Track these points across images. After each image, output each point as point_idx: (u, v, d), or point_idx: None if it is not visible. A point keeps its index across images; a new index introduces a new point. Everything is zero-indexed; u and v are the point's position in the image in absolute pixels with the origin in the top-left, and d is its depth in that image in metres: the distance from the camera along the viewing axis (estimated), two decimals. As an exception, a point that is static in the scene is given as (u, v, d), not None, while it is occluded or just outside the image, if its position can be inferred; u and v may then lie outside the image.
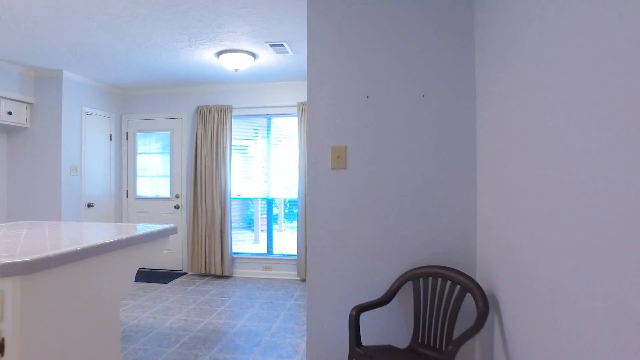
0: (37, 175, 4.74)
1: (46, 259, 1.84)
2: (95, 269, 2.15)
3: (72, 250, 1.97)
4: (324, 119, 2.30)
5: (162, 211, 5.65)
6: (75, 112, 4.89)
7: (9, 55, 4.16)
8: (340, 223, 2.27)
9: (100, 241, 2.16)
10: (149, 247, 2.66)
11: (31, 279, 1.80)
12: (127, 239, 2.37)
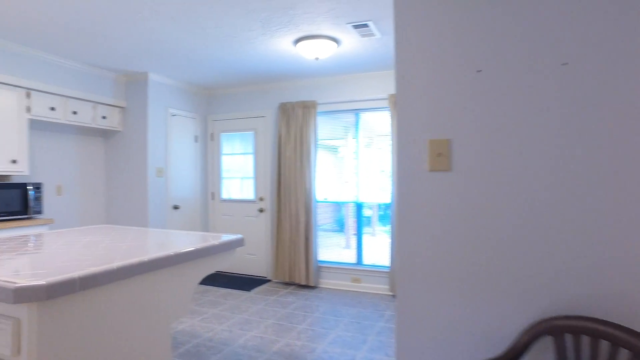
0: (128, 177, 4.80)
1: (69, 282, 1.51)
2: (137, 290, 1.81)
3: (105, 270, 1.63)
4: (418, 105, 1.67)
5: (246, 214, 5.44)
6: (161, 114, 4.86)
7: (102, 62, 4.22)
8: (440, 242, 1.63)
9: (142, 258, 1.81)
10: (209, 261, 2.28)
11: (50, 306, 1.48)
12: (179, 255, 2.00)
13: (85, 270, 1.56)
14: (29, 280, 1.44)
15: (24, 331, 1.45)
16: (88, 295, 1.59)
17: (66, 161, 4.56)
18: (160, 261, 1.90)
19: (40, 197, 3.83)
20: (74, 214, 4.63)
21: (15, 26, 3.27)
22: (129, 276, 1.73)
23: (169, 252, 1.95)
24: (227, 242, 2.38)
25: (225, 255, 2.42)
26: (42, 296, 1.42)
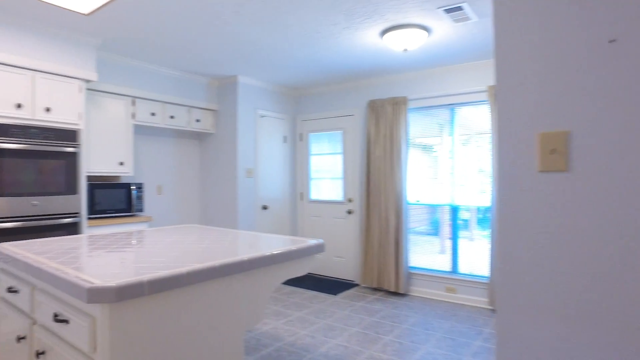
0: (220, 177, 4.99)
1: (137, 286, 1.49)
2: (209, 295, 1.75)
3: (174, 274, 1.59)
4: (524, 90, 1.35)
5: (334, 215, 5.32)
6: (250, 116, 4.96)
7: (196, 68, 4.43)
8: (553, 258, 1.29)
9: (213, 263, 1.75)
10: (286, 268, 2.17)
11: (121, 307, 1.47)
12: (252, 261, 1.91)
13: (154, 274, 1.53)
14: (103, 281, 1.44)
15: (98, 330, 1.46)
16: (158, 298, 1.56)
17: (165, 162, 4.88)
18: (233, 267, 1.82)
19: (142, 196, 4.12)
20: (172, 212, 4.93)
21: (124, 41, 3.54)
22: (199, 281, 1.67)
23: (241, 258, 1.87)
24: (305, 247, 2.25)
25: (303, 262, 2.29)
26: (112, 298, 1.40)
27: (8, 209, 3.07)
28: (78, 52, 3.46)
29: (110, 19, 3.12)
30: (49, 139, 3.27)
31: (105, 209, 3.83)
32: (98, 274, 1.56)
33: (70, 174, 3.41)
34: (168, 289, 1.57)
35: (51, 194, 3.29)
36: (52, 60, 3.31)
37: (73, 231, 3.41)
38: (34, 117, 3.21)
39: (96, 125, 3.87)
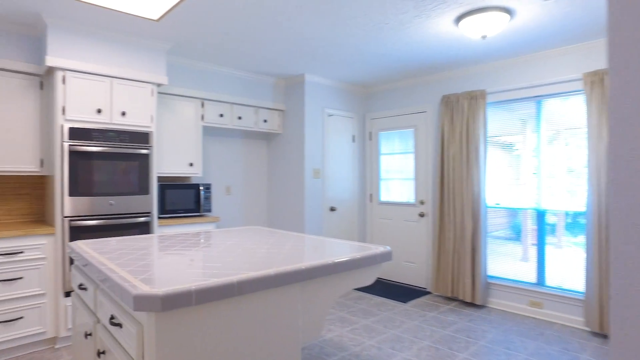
0: (287, 178, 4.95)
1: (185, 295, 1.41)
2: (261, 306, 1.63)
3: (224, 283, 1.49)
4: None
5: (405, 218, 5.04)
6: (317, 115, 4.86)
7: (262, 69, 4.42)
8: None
9: (267, 272, 1.63)
10: (348, 278, 1.99)
11: (168, 317, 1.40)
12: (310, 270, 1.76)
13: (202, 283, 1.44)
14: (150, 289, 1.38)
15: (145, 338, 1.40)
16: (207, 307, 1.47)
17: (234, 163, 4.94)
18: (289, 276, 1.68)
19: (210, 196, 4.19)
20: (240, 212, 4.99)
21: (193, 45, 3.61)
22: (251, 291, 1.56)
23: (299, 266, 1.73)
24: (370, 255, 2.06)
25: (368, 271, 2.10)
26: (157, 307, 1.34)
27: (89, 208, 3.25)
28: (150, 57, 3.59)
29: (178, 24, 3.18)
30: (124, 141, 3.43)
31: (175, 209, 3.95)
32: (152, 279, 1.51)
33: (143, 174, 3.54)
34: (217, 298, 1.47)
35: (125, 194, 3.44)
36: (127, 66, 3.46)
37: (145, 230, 3.54)
38: (112, 121, 3.38)
39: (167, 127, 4.00)
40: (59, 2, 2.80)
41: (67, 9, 2.93)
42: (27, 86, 3.28)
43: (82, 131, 3.22)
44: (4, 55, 3.17)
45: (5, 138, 3.18)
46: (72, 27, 3.18)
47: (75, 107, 3.20)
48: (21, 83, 3.25)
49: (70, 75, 3.18)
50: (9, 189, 3.47)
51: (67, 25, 3.16)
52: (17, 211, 3.51)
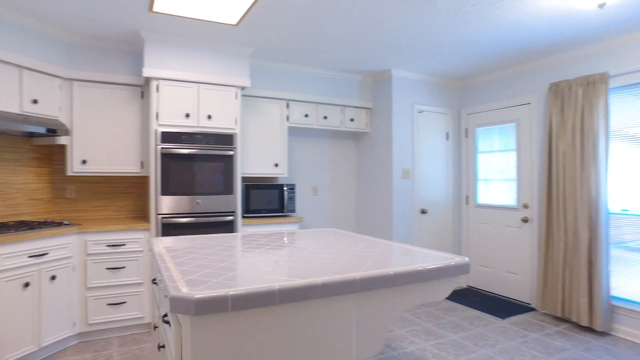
0: (374, 179, 4.76)
1: (219, 300, 1.35)
2: (308, 318, 1.51)
3: (264, 290, 1.40)
4: None
5: (506, 223, 4.50)
6: (406, 112, 4.58)
7: (348, 66, 4.31)
8: None
9: (314, 281, 1.50)
10: (413, 292, 1.77)
11: (203, 321, 1.36)
12: (365, 280, 1.60)
13: (238, 289, 1.37)
14: (187, 291, 1.35)
15: (183, 340, 1.39)
16: (246, 315, 1.40)
17: (320, 163, 4.91)
18: (340, 286, 1.54)
19: (293, 197, 4.20)
20: (326, 214, 4.94)
21: (275, 47, 3.66)
22: (295, 300, 1.45)
23: (353, 276, 1.58)
24: (441, 267, 1.81)
25: (438, 285, 1.85)
26: (191, 310, 1.30)
27: (179, 207, 3.48)
28: (233, 61, 3.72)
29: (257, 27, 3.22)
30: (210, 143, 3.60)
31: (259, 209, 4.04)
32: (199, 280, 1.49)
33: (228, 175, 3.68)
34: (256, 306, 1.39)
35: (211, 193, 3.61)
36: (212, 72, 3.63)
37: (230, 228, 3.68)
38: (199, 124, 3.57)
39: (253, 128, 4.11)
40: (151, 18, 3.04)
41: (158, 23, 3.16)
42: (130, 96, 3.63)
43: (172, 134, 3.46)
44: (112, 70, 3.55)
45: (115, 143, 3.56)
46: (164, 39, 3.43)
47: (167, 112, 3.45)
48: (126, 94, 3.62)
49: (163, 83, 3.44)
50: (119, 188, 3.89)
51: (159, 39, 3.42)
52: (125, 207, 3.91)
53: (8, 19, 2.97)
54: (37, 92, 3.17)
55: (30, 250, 2.80)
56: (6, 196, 3.32)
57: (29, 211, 3.48)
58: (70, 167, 3.42)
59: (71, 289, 3.11)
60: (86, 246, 3.19)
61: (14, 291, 2.70)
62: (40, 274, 2.87)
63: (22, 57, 3.05)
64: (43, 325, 2.89)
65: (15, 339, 2.72)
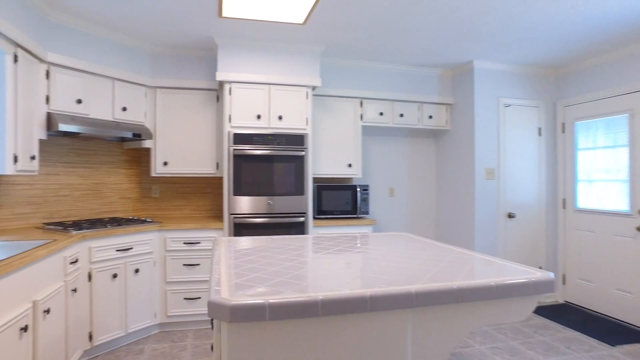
0: (454, 179, 4.43)
1: (256, 309, 1.29)
2: (355, 333, 1.39)
3: (303, 300, 1.31)
4: None
5: (614, 232, 3.87)
6: (491, 106, 4.17)
7: (425, 60, 4.06)
8: None
9: (362, 293, 1.37)
10: (484, 310, 1.56)
11: (240, 329, 1.30)
12: (422, 294, 1.43)
13: (278, 298, 1.30)
14: (227, 296, 1.31)
15: (222, 346, 1.35)
16: (285, 326, 1.32)
17: (397, 163, 4.70)
18: (392, 300, 1.39)
19: (367, 198, 4.06)
20: (403, 216, 4.70)
21: (346, 44, 3.56)
22: (339, 313, 1.34)
23: (407, 289, 1.42)
24: (516, 284, 1.56)
25: (514, 303, 1.60)
26: (226, 317, 1.26)
27: (251, 207, 3.55)
28: (303, 61, 3.69)
29: (325, 25, 3.15)
30: (281, 144, 3.61)
31: (331, 210, 3.97)
32: (245, 285, 1.45)
33: (299, 176, 3.67)
34: (296, 317, 1.30)
35: (282, 194, 3.62)
36: (283, 72, 3.64)
37: (301, 229, 3.66)
38: (270, 125, 3.61)
39: (325, 128, 4.06)
40: (222, 23, 3.13)
41: (229, 28, 3.25)
42: (207, 100, 3.80)
43: (244, 136, 3.53)
44: (190, 76, 3.74)
45: (192, 145, 3.75)
46: (235, 43, 3.53)
47: (239, 114, 3.54)
48: (203, 98, 3.79)
49: (235, 86, 3.53)
50: (198, 188, 4.10)
51: (231, 43, 3.52)
52: (202, 207, 4.11)
53: (101, 36, 3.27)
54: (126, 100, 3.46)
55: (117, 245, 3.05)
56: (102, 195, 3.67)
57: (121, 209, 3.81)
58: (154, 169, 3.67)
59: (152, 282, 3.33)
60: (165, 243, 3.39)
61: (105, 281, 2.96)
62: (126, 267, 3.11)
63: (114, 69, 3.35)
64: (129, 313, 3.13)
65: (106, 324, 2.98)
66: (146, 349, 3.07)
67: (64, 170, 3.41)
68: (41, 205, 3.27)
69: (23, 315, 2.00)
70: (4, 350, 1.85)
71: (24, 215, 3.17)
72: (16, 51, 2.56)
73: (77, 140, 3.50)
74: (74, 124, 2.96)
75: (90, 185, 3.59)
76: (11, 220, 3.09)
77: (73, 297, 2.66)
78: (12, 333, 1.91)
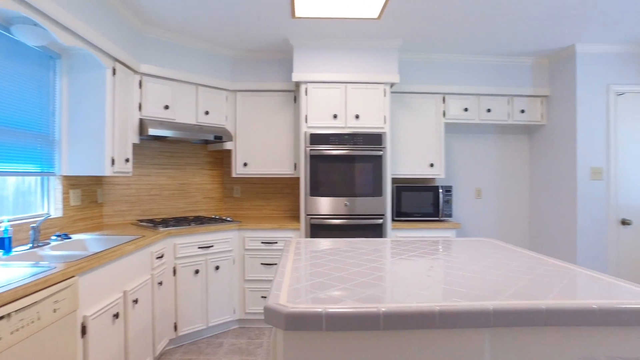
0: (553, 180, 3.95)
1: (312, 317, 1.22)
2: (420, 350, 1.25)
3: (365, 312, 1.22)
4: None
5: None
6: (598, 95, 3.64)
7: (516, 48, 3.68)
8: None
9: (431, 307, 1.24)
10: (580, 339, 1.32)
11: (295, 337, 1.24)
12: (501, 313, 1.26)
13: (337, 307, 1.22)
14: (284, 303, 1.27)
15: (277, 353, 1.31)
16: (343, 337, 1.23)
17: (484, 163, 4.33)
18: (463, 316, 1.24)
19: (450, 200, 3.78)
20: (492, 220, 4.32)
21: (426, 37, 3.36)
22: (402, 327, 1.22)
23: (484, 306, 1.26)
24: (624, 309, 1.30)
25: (624, 333, 1.33)
26: (281, 324, 1.21)
27: (327, 208, 3.50)
28: (380, 57, 3.55)
29: (403, 17, 2.99)
30: (357, 144, 3.52)
31: (410, 212, 3.77)
32: (305, 291, 1.40)
33: (377, 176, 3.54)
34: (357, 329, 1.21)
35: (360, 195, 3.52)
36: (358, 70, 3.54)
37: (378, 232, 3.53)
38: (346, 125, 3.53)
39: (404, 127, 3.87)
40: (296, 24, 3.13)
41: (303, 28, 3.24)
42: (284, 102, 3.84)
43: (321, 136, 3.50)
44: (267, 79, 3.82)
45: (271, 146, 3.83)
46: (310, 44, 3.51)
47: (315, 114, 3.52)
48: (280, 100, 3.84)
49: (311, 86, 3.52)
50: (276, 189, 4.18)
51: (306, 43, 3.51)
52: (281, 207, 4.17)
53: (186, 45, 3.47)
54: (208, 105, 3.63)
55: (199, 242, 3.20)
56: (188, 194, 3.91)
57: (204, 208, 4.02)
58: (235, 170, 3.81)
59: (232, 279, 3.45)
60: (244, 242, 3.49)
61: (188, 276, 3.13)
62: (207, 264, 3.26)
63: (198, 75, 3.54)
64: (210, 308, 3.28)
65: (189, 316, 3.15)
66: (225, 343, 3.18)
67: (154, 172, 3.69)
68: (135, 204, 3.57)
69: (115, 304, 2.17)
70: (101, 332, 2.03)
71: (122, 212, 3.48)
72: (114, 65, 2.81)
73: (165, 143, 3.76)
74: (162, 128, 3.18)
75: (177, 186, 3.84)
76: (112, 216, 3.41)
77: (159, 289, 2.84)
78: (106, 318, 2.08)
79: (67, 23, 2.22)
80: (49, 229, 2.64)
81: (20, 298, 1.48)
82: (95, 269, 2.01)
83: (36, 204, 2.67)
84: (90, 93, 2.76)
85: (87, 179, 3.11)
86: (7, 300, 1.41)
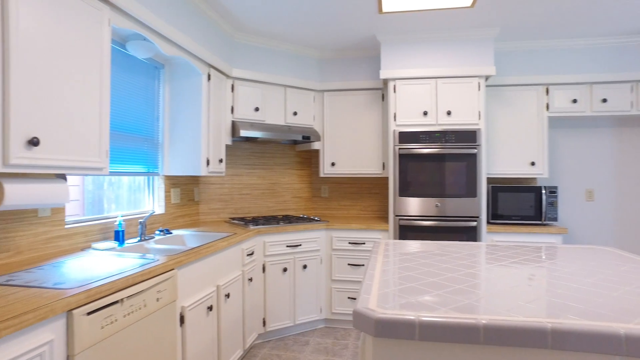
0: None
1: (404, 325, 1.14)
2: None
3: (462, 323, 1.11)
4: None
5: None
6: None
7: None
8: None
9: (538, 323, 1.09)
10: None
11: (385, 344, 1.17)
12: (635, 340, 1.05)
13: (431, 316, 1.13)
14: (374, 307, 1.21)
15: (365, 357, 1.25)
16: (438, 348, 1.14)
17: (597, 160, 3.82)
18: (588, 339, 1.07)
19: (555, 202, 3.40)
20: (605, 226, 3.79)
21: (525, 23, 3.07)
22: (506, 344, 1.09)
23: (613, 329, 1.08)
24: None
25: None
26: (370, 330, 1.15)
27: (417, 209, 3.36)
28: (473, 49, 3.31)
29: (501, 2, 2.75)
30: (449, 141, 3.32)
31: (508, 215, 3.46)
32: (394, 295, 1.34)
33: (470, 176, 3.31)
34: (453, 340, 1.11)
35: (451, 196, 3.32)
36: (450, 64, 3.34)
37: (472, 235, 3.29)
38: (437, 122, 3.35)
39: (501, 122, 3.57)
40: (383, 19, 3.04)
41: (391, 24, 3.14)
42: (372, 100, 3.77)
43: (410, 134, 3.37)
44: (354, 78, 3.78)
45: (358, 146, 3.78)
46: (398, 39, 3.39)
47: (404, 112, 3.40)
48: (368, 98, 3.78)
49: (400, 83, 3.40)
50: (364, 189, 4.12)
51: (393, 39, 3.40)
52: (370, 207, 4.10)
53: (274, 48, 3.57)
54: (296, 105, 3.69)
55: (288, 241, 3.27)
56: (277, 194, 4.02)
57: (293, 207, 4.10)
58: (322, 169, 3.82)
59: (319, 278, 3.46)
60: (331, 242, 3.49)
61: (276, 274, 3.21)
62: (295, 262, 3.31)
63: (286, 77, 3.62)
64: (297, 305, 3.32)
65: (277, 313, 3.23)
66: (311, 342, 3.20)
67: (246, 172, 3.85)
68: (228, 202, 3.75)
69: (209, 297, 2.29)
70: (197, 323, 2.15)
71: (216, 210, 3.68)
72: (209, 71, 2.98)
73: (256, 144, 3.91)
74: (253, 130, 3.30)
75: (267, 185, 3.97)
76: (208, 214, 3.63)
77: (249, 285, 2.94)
78: (201, 310, 2.20)
79: (168, 34, 2.39)
80: (154, 224, 2.88)
81: (130, 286, 1.61)
82: (192, 263, 2.13)
83: (143, 201, 2.94)
84: (188, 98, 2.95)
85: (186, 178, 3.34)
86: (120, 287, 1.55)
